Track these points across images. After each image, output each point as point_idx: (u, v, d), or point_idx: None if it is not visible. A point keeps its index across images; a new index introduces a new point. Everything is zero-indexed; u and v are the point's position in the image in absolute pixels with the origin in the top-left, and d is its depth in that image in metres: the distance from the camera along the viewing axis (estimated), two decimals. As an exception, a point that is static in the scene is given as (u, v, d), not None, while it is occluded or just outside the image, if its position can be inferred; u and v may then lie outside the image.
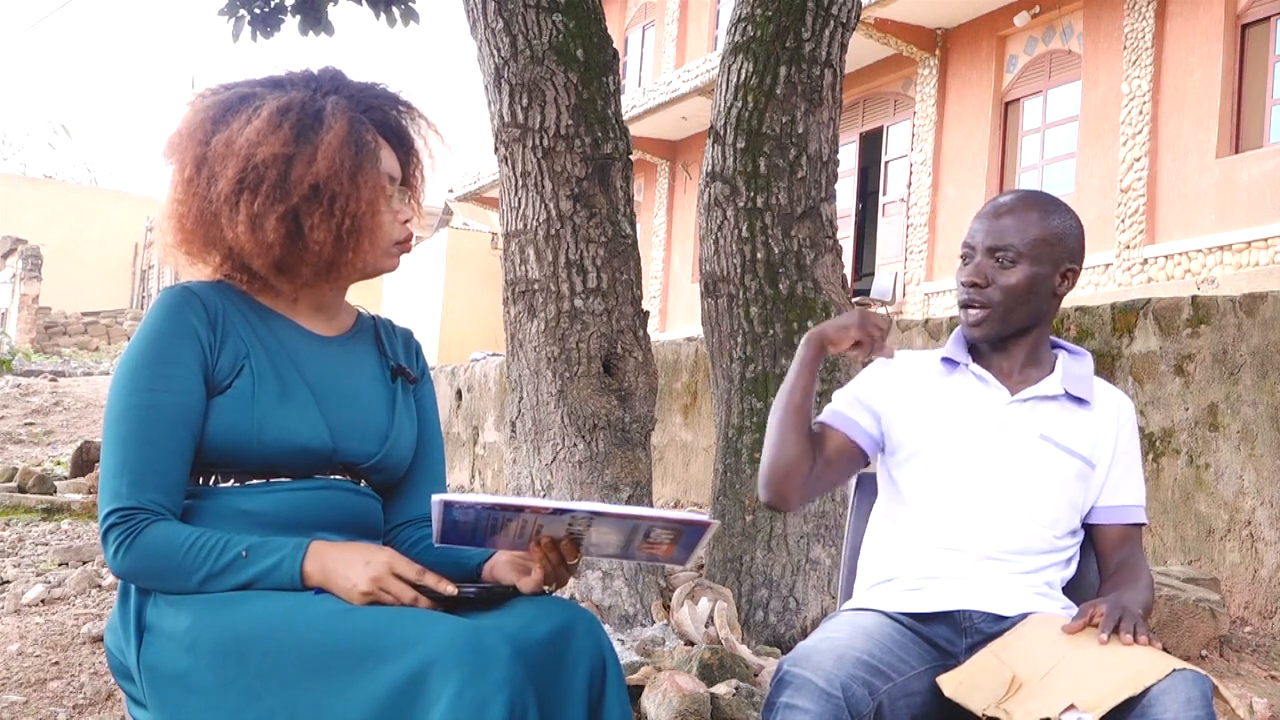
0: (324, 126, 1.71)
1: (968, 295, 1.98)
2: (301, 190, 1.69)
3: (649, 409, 3.61)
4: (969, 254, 1.99)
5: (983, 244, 1.97)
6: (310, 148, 1.70)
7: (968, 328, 2.00)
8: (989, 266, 1.96)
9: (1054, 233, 1.96)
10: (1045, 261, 1.95)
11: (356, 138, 1.73)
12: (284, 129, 1.70)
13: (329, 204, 1.69)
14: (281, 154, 1.69)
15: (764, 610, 3.52)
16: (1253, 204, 10.71)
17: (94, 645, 3.53)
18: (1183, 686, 1.60)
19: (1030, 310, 1.97)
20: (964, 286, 1.98)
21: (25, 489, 6.92)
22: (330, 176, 1.69)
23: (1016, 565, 1.93)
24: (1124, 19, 12.08)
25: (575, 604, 1.71)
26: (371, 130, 1.77)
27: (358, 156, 1.72)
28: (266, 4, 5.29)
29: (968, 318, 1.99)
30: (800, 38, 3.71)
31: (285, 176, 1.68)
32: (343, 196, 1.70)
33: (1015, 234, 1.95)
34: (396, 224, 1.79)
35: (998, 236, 1.96)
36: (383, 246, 1.78)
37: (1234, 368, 4.43)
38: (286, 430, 1.69)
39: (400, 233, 1.80)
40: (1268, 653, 4.05)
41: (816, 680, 1.64)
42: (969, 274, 1.97)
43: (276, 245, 1.70)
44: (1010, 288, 1.95)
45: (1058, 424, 1.98)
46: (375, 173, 1.74)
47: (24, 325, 23.30)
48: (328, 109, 1.73)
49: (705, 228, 3.82)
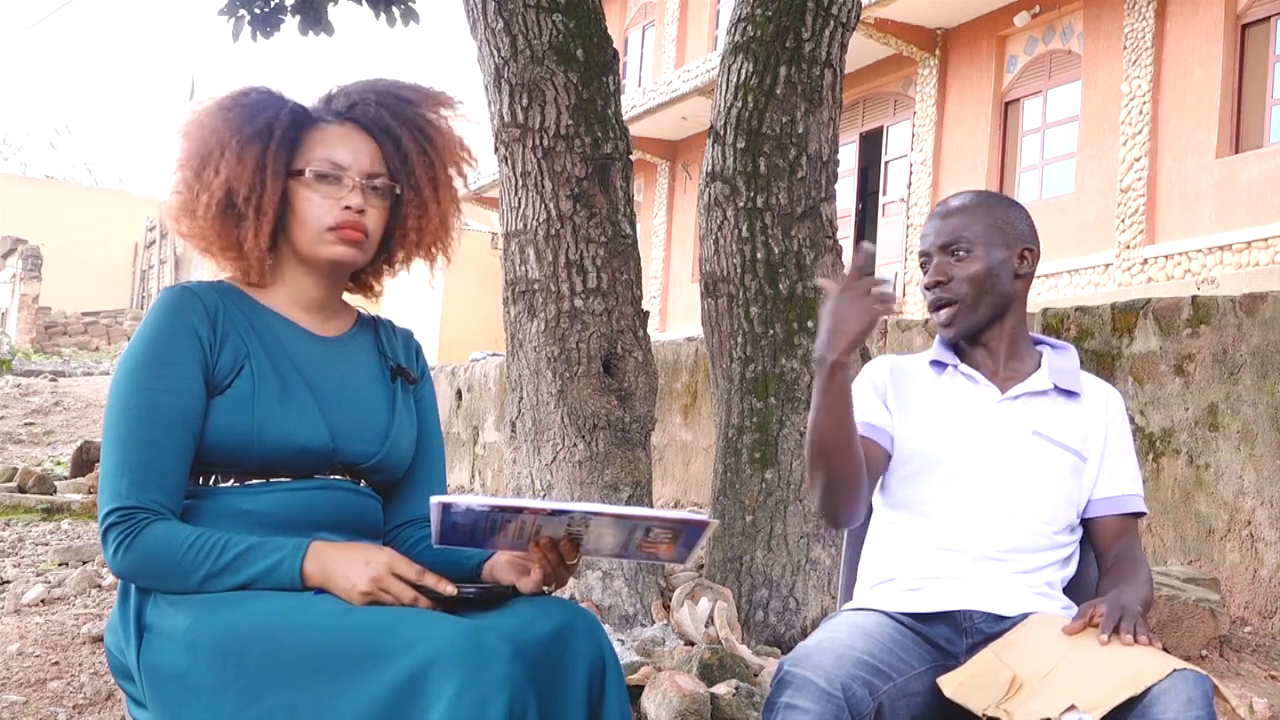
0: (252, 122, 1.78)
1: (934, 296, 2.02)
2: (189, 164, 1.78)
3: (649, 409, 3.61)
4: (925, 259, 2.04)
5: (935, 244, 2.02)
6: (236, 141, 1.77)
7: (942, 329, 2.03)
8: (947, 264, 2.00)
9: (1000, 217, 2.02)
10: (999, 245, 2.00)
11: (234, 113, 1.77)
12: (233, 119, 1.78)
13: (204, 178, 1.76)
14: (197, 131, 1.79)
15: (764, 610, 3.51)
16: (1253, 204, 10.71)
17: (94, 645, 3.53)
18: (1183, 686, 1.60)
19: (998, 296, 2.00)
20: (928, 290, 2.03)
21: (25, 489, 6.92)
22: (197, 148, 1.76)
23: (1016, 564, 1.93)
24: (1124, 19, 12.08)
25: (575, 604, 1.71)
26: (286, 113, 1.78)
27: (233, 133, 1.75)
28: (266, 4, 5.29)
29: (940, 318, 2.02)
30: (800, 38, 3.71)
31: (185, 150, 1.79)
32: (208, 169, 1.75)
33: (963, 227, 2.00)
34: (336, 209, 1.76)
35: (948, 234, 2.01)
36: (312, 231, 1.76)
37: (1234, 368, 4.43)
38: (286, 430, 1.69)
39: (333, 218, 1.76)
40: (1268, 653, 4.05)
41: (817, 680, 1.65)
42: (930, 276, 2.02)
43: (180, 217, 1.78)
44: (971, 276, 1.98)
45: (1049, 419, 1.99)
46: (253, 149, 1.75)
47: (24, 325, 23.29)
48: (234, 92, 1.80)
49: (705, 228, 3.82)
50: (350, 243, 1.77)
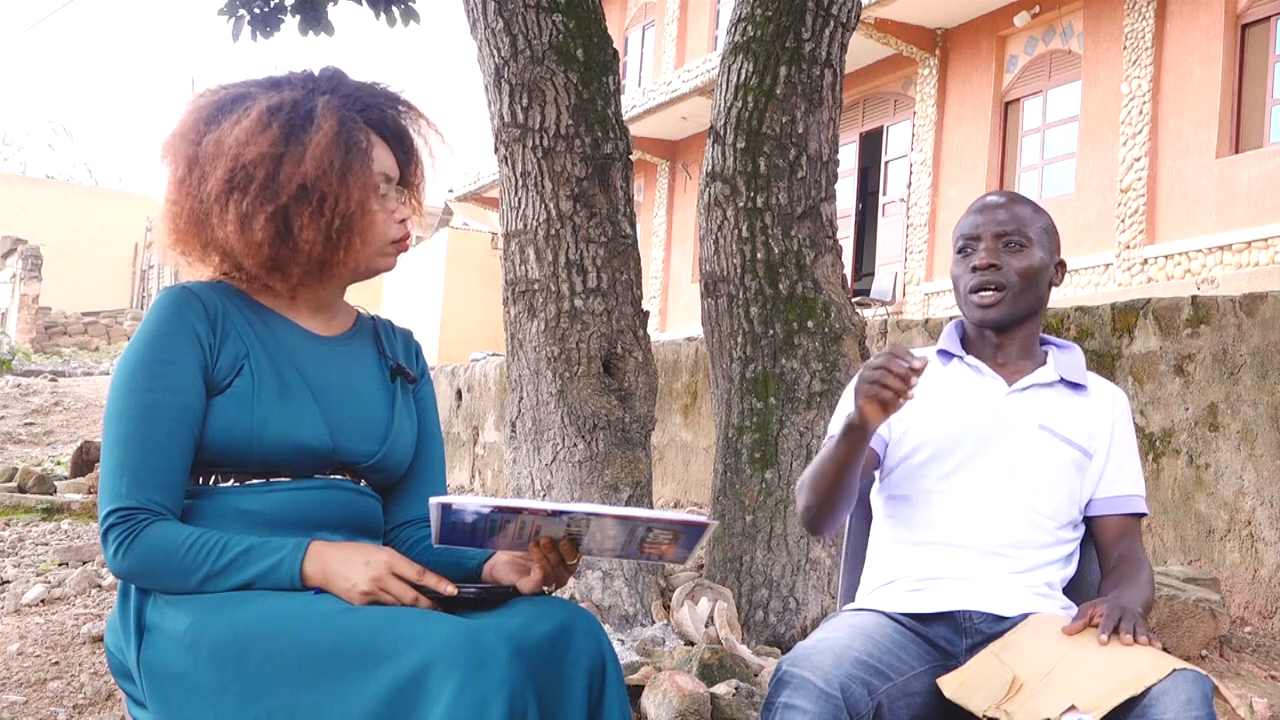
0: (313, 126, 1.71)
1: (982, 279, 1.99)
2: (290, 190, 1.68)
3: (649, 409, 3.61)
4: (971, 244, 2.01)
5: (990, 231, 2.00)
6: (299, 147, 1.70)
7: (979, 309, 2.00)
8: (999, 251, 1.99)
9: (1048, 224, 2.05)
10: (1047, 249, 2.02)
11: (346, 137, 1.72)
12: (273, 128, 1.70)
13: (318, 204, 1.69)
14: (270, 153, 1.69)
15: (764, 610, 3.51)
16: (1253, 204, 10.72)
17: (94, 645, 3.53)
18: (1183, 687, 1.60)
19: (1035, 296, 2.01)
20: (977, 271, 1.99)
21: (25, 489, 6.91)
22: (319, 176, 1.69)
23: (1017, 561, 1.93)
24: (1124, 19, 12.08)
25: (575, 604, 1.71)
26: (364, 129, 1.76)
27: (347, 156, 1.71)
28: (266, 4, 5.29)
29: (981, 300, 1.99)
30: (800, 38, 3.71)
31: (274, 176, 1.68)
32: (332, 196, 1.70)
33: (1020, 221, 2.00)
34: (392, 223, 1.79)
35: (1004, 224, 1.99)
36: (377, 246, 1.77)
37: (1234, 368, 4.43)
38: (286, 429, 1.69)
39: (396, 232, 1.79)
40: (1268, 653, 4.05)
41: (815, 680, 1.65)
42: (984, 258, 1.98)
43: (265, 244, 1.70)
44: (1024, 270, 1.99)
45: (1056, 413, 1.99)
46: (366, 172, 1.74)
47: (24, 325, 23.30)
48: (318, 108, 1.73)
49: (705, 228, 3.82)
50: (402, 253, 1.82)
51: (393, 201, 1.79)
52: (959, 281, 2.03)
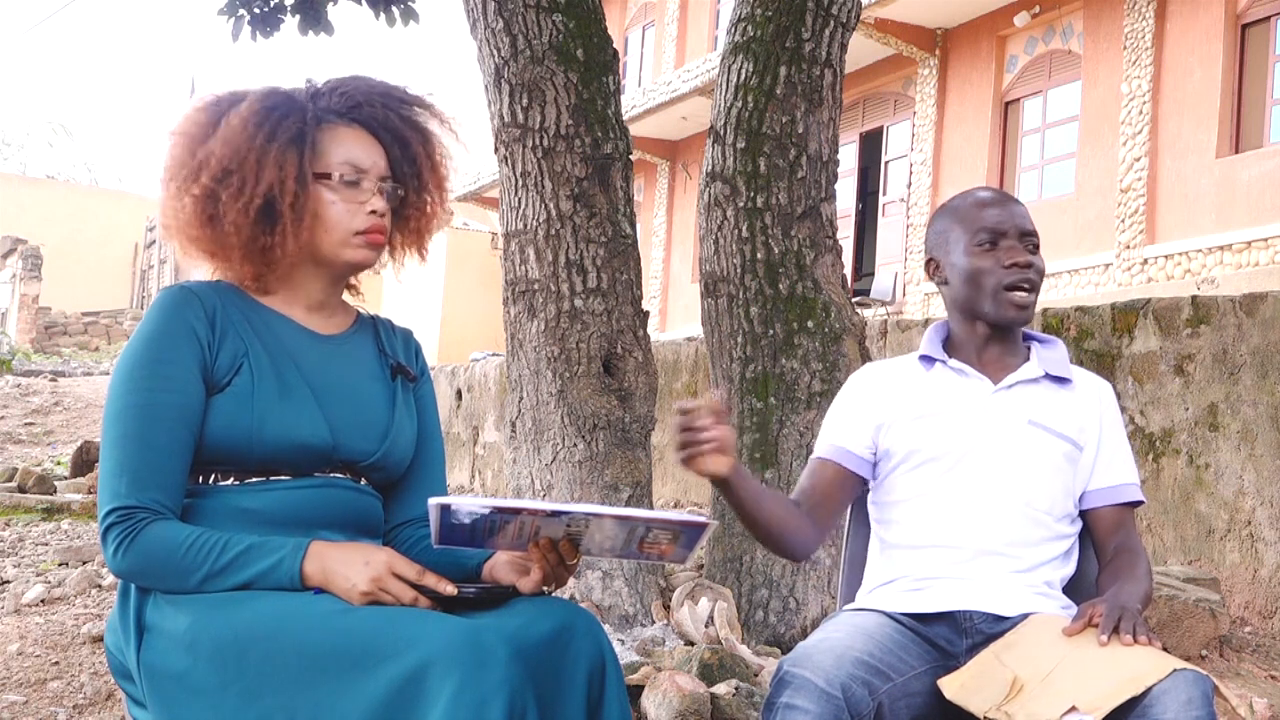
0: (234, 110, 1.75)
1: (1021, 276, 1.95)
2: (211, 170, 1.72)
3: (649, 409, 3.61)
4: (998, 239, 1.96)
5: (1018, 227, 1.97)
6: (217, 129, 1.74)
7: (1015, 309, 1.96)
8: (1026, 249, 1.97)
9: None
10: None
11: (266, 119, 1.74)
12: (204, 114, 1.77)
13: (239, 185, 1.72)
14: (194, 134, 1.75)
15: (764, 610, 3.51)
16: (1253, 204, 10.72)
17: (94, 645, 3.53)
18: (1183, 687, 1.60)
19: None
20: (1018, 268, 1.94)
21: (25, 489, 6.91)
22: (231, 155, 1.72)
23: (1016, 560, 1.93)
24: (1124, 19, 12.08)
25: (574, 604, 1.71)
26: (320, 116, 1.77)
27: (269, 139, 1.73)
28: (266, 4, 5.29)
29: (1018, 299, 1.95)
30: (800, 38, 3.71)
31: (193, 155, 1.74)
32: (250, 177, 1.72)
33: (1030, 221, 2.00)
34: (359, 213, 1.77)
35: (1025, 222, 1.98)
36: (336, 235, 1.77)
37: (1234, 368, 4.43)
38: (286, 427, 1.69)
39: (361, 223, 1.77)
40: (1268, 653, 4.05)
41: (816, 680, 1.64)
42: (1024, 255, 1.95)
43: (194, 224, 1.74)
44: (1042, 270, 1.99)
45: (1044, 408, 1.99)
46: (292, 154, 1.74)
47: (24, 325, 23.30)
48: (250, 95, 1.77)
49: (705, 228, 3.82)
50: (374, 246, 1.80)
51: (364, 193, 1.78)
52: (985, 276, 1.96)
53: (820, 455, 2.06)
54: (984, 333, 2.02)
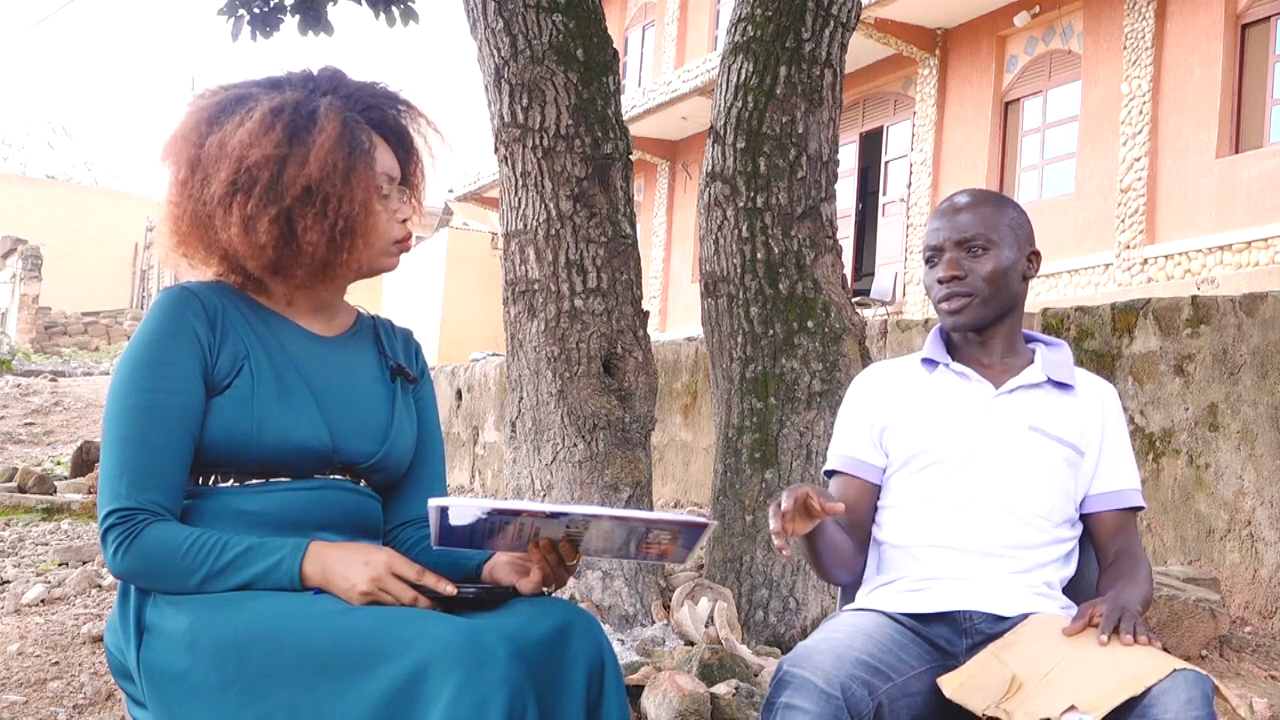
0: (317, 127, 1.71)
1: (948, 289, 2.00)
2: (294, 192, 1.68)
3: (649, 409, 3.61)
4: (935, 254, 2.03)
5: (950, 239, 2.01)
6: (303, 149, 1.69)
7: (949, 316, 2.01)
8: (962, 259, 2.00)
9: (1013, 219, 2.04)
10: (1012, 245, 2.01)
11: (350, 138, 1.72)
12: (276, 130, 1.69)
13: (322, 205, 1.69)
14: (274, 155, 1.68)
15: (764, 610, 3.51)
16: (1253, 204, 10.72)
17: (94, 645, 3.53)
18: (1183, 686, 1.60)
19: (1008, 295, 2.02)
20: (942, 284, 2.01)
21: (25, 489, 6.91)
22: (323, 178, 1.69)
23: (1016, 562, 1.93)
24: (1124, 19, 12.08)
25: (574, 604, 1.71)
26: (367, 130, 1.76)
27: (351, 157, 1.71)
28: (266, 4, 5.29)
29: (950, 307, 2.01)
30: (800, 38, 3.71)
31: (278, 178, 1.68)
32: (335, 198, 1.69)
33: (979, 224, 2.00)
34: (395, 223, 1.79)
35: (963, 229, 2.00)
36: (380, 246, 1.77)
37: (1234, 368, 4.43)
38: (286, 429, 1.69)
39: (398, 232, 1.79)
40: (1268, 653, 4.05)
41: (816, 680, 1.64)
42: (946, 269, 2.00)
43: (270, 247, 1.70)
44: (989, 274, 1.99)
45: (1045, 413, 2.00)
46: (369, 173, 1.74)
47: (24, 325, 23.30)
48: (321, 109, 1.73)
49: (705, 228, 3.82)
50: (405, 253, 1.82)
51: (395, 202, 1.79)
52: (929, 290, 2.05)
53: (839, 470, 2.08)
54: (963, 337, 2.05)
